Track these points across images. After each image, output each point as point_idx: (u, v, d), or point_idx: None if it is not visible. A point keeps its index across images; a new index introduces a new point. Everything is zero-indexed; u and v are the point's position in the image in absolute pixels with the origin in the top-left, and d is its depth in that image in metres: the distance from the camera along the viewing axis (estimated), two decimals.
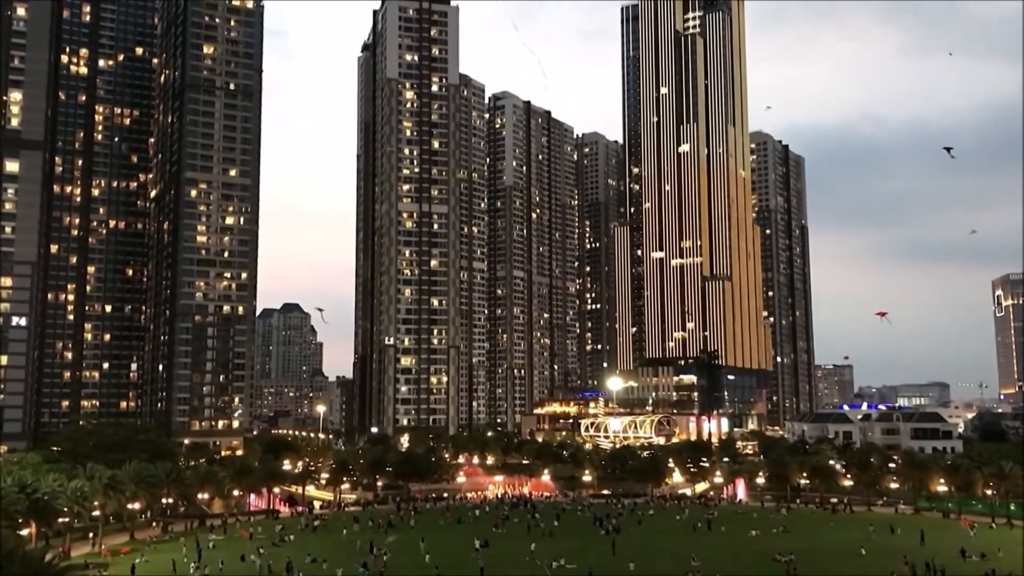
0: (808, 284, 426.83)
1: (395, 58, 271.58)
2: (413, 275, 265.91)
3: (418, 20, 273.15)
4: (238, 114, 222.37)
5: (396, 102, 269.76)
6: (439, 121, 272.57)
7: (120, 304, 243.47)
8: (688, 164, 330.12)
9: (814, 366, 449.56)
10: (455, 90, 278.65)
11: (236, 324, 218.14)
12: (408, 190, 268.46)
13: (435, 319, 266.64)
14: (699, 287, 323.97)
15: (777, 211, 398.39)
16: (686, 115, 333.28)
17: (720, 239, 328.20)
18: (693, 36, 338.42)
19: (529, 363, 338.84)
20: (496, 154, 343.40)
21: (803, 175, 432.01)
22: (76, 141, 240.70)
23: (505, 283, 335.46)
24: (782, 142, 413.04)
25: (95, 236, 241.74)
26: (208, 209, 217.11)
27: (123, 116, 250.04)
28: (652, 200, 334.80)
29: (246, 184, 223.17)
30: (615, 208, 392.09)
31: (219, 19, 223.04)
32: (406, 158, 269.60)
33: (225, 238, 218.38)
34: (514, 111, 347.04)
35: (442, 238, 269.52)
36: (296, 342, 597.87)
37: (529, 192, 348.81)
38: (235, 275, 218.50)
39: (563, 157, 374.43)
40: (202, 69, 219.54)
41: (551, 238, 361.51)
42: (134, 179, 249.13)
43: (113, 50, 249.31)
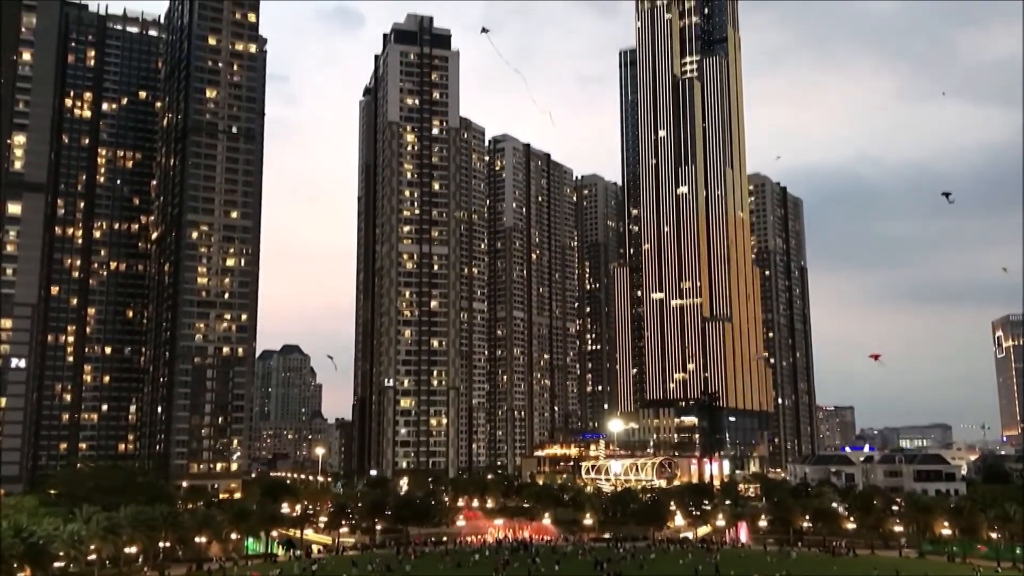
0: (808, 325, 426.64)
1: (396, 102, 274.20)
2: (413, 316, 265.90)
3: (419, 65, 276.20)
4: (240, 157, 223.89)
5: (397, 145, 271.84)
6: (439, 163, 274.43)
7: (120, 346, 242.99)
8: (687, 206, 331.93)
9: (815, 407, 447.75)
10: (455, 133, 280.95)
11: (235, 366, 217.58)
12: (408, 231, 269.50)
13: (435, 360, 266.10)
14: (699, 328, 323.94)
15: (776, 252, 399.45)
16: (684, 157, 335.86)
17: (719, 280, 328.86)
18: (691, 80, 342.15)
19: (529, 404, 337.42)
20: (496, 195, 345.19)
21: (802, 217, 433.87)
22: (78, 183, 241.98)
23: (505, 324, 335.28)
24: (780, 184, 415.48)
25: (96, 278, 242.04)
26: (209, 251, 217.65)
27: (125, 159, 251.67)
28: (651, 241, 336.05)
29: (247, 226, 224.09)
30: (615, 249, 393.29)
31: (222, 64, 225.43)
32: (407, 200, 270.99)
33: (225, 279, 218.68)
34: (514, 153, 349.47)
35: (442, 279, 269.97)
36: (295, 384, 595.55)
37: (529, 233, 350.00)
38: (235, 316, 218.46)
39: (563, 198, 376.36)
40: (205, 112, 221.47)
41: (551, 279, 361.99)
42: (135, 221, 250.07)
43: (117, 94, 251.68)
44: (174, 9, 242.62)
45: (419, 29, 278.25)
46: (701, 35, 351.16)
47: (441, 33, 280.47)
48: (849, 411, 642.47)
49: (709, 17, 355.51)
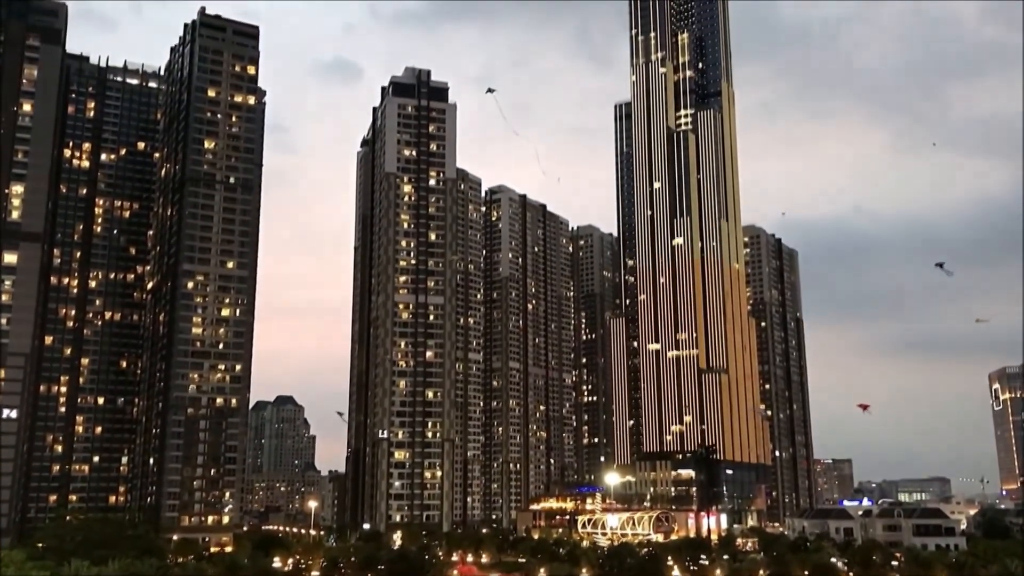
0: (805, 377, 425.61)
1: (394, 153, 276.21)
2: (408, 367, 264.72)
3: (416, 117, 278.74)
4: (237, 207, 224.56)
5: (394, 195, 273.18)
6: (436, 214, 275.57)
7: (113, 396, 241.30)
8: (682, 257, 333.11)
9: (813, 460, 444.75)
10: (452, 184, 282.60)
11: (229, 417, 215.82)
12: (404, 281, 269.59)
13: (430, 412, 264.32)
14: (696, 380, 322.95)
15: (772, 304, 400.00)
16: (679, 209, 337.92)
17: (716, 331, 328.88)
18: (685, 133, 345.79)
19: (525, 457, 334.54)
20: (492, 246, 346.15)
21: (796, 268, 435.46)
22: (75, 233, 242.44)
23: (501, 375, 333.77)
24: (775, 236, 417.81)
25: (90, 328, 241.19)
26: (204, 301, 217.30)
27: (123, 209, 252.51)
28: (647, 292, 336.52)
29: (243, 276, 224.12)
30: (611, 300, 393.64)
31: (221, 115, 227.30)
32: (403, 250, 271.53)
33: (220, 330, 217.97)
34: (510, 204, 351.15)
35: (438, 329, 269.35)
36: (289, 435, 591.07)
37: (525, 283, 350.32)
38: (229, 367, 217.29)
39: (559, 249, 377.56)
40: (203, 163, 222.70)
41: (547, 329, 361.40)
42: (131, 271, 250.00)
43: (115, 144, 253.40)
44: (174, 62, 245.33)
45: (417, 82, 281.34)
46: (695, 89, 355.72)
47: (439, 86, 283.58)
48: (847, 464, 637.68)
49: (703, 71, 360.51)
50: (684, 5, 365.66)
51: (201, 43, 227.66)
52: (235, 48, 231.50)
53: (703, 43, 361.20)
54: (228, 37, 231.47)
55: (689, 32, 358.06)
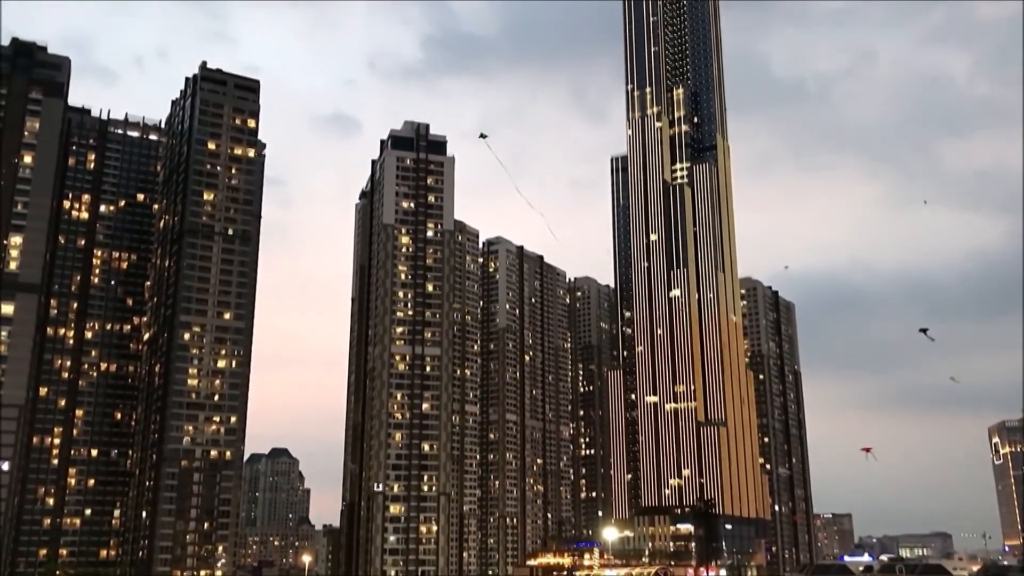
0: (804, 430, 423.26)
1: (392, 205, 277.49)
2: (404, 419, 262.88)
3: (415, 169, 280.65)
4: (235, 258, 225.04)
5: (392, 247, 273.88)
6: (434, 265, 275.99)
7: (106, 448, 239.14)
8: (679, 309, 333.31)
9: (813, 515, 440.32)
10: (450, 235, 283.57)
11: (223, 470, 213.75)
12: (401, 332, 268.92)
13: (425, 465, 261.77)
14: (694, 433, 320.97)
15: (769, 356, 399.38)
16: (676, 261, 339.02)
17: (714, 384, 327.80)
18: (681, 186, 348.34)
19: (522, 511, 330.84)
20: (490, 297, 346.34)
21: (794, 321, 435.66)
22: (73, 284, 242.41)
23: (498, 427, 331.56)
24: (772, 288, 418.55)
25: (85, 379, 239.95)
26: (200, 352, 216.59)
27: (121, 260, 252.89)
28: (645, 344, 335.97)
29: (239, 327, 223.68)
30: (608, 351, 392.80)
31: (220, 167, 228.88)
32: (400, 300, 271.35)
33: (216, 381, 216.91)
34: (507, 255, 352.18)
35: (435, 380, 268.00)
36: (283, 488, 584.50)
37: (522, 334, 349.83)
38: (224, 419, 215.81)
39: (556, 300, 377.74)
40: (201, 215, 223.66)
41: (544, 381, 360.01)
42: (128, 322, 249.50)
43: (115, 196, 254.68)
44: (175, 114, 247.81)
45: (416, 135, 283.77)
46: (691, 143, 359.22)
47: (437, 139, 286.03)
48: (847, 518, 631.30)
49: (698, 126, 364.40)
50: (679, 61, 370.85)
51: (202, 96, 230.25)
52: (236, 101, 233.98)
53: (698, 98, 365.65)
54: (229, 91, 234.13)
55: (684, 87, 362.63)
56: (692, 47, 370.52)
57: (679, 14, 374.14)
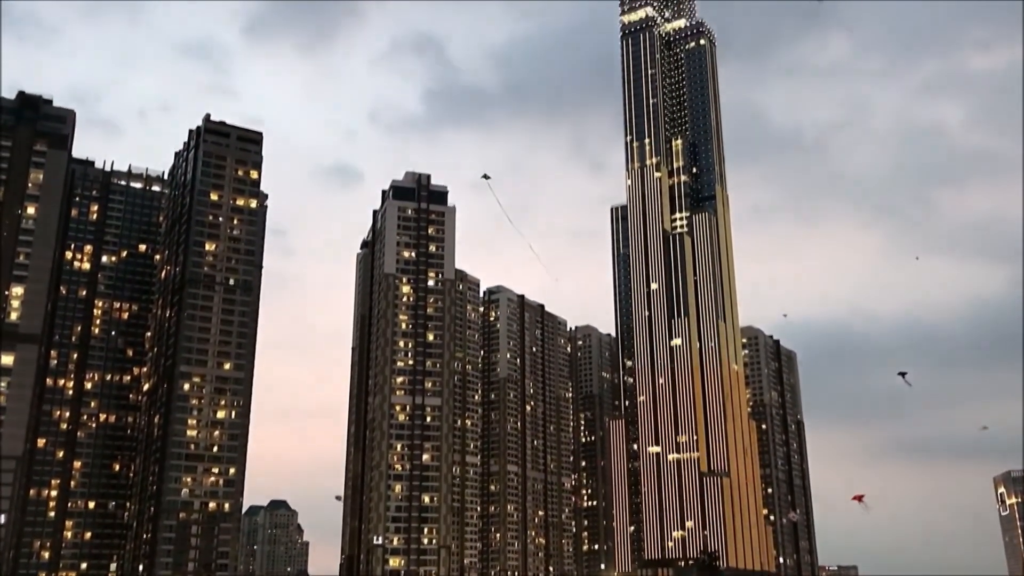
0: (807, 481, 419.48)
1: (393, 254, 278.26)
2: (404, 470, 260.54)
3: (416, 219, 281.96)
4: (236, 308, 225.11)
5: (393, 296, 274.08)
6: (434, 314, 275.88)
7: (104, 500, 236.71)
8: (681, 358, 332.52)
9: (818, 566, 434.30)
10: (451, 285, 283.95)
11: (221, 522, 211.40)
12: (402, 382, 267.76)
13: (426, 517, 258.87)
14: (697, 483, 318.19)
15: (772, 406, 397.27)
16: (677, 310, 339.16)
17: (716, 434, 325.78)
18: (681, 235, 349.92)
19: (523, 564, 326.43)
20: (490, 346, 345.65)
21: (796, 370, 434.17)
22: (73, 335, 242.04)
23: (499, 478, 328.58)
24: (773, 337, 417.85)
25: (84, 430, 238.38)
26: (200, 403, 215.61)
27: (122, 310, 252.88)
28: (647, 393, 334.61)
29: (239, 378, 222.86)
30: (609, 401, 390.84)
31: (222, 218, 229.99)
32: (400, 350, 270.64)
33: (215, 432, 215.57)
34: (508, 304, 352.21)
35: (435, 431, 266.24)
36: (282, 541, 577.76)
37: (523, 384, 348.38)
38: (223, 471, 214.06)
39: (557, 349, 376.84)
40: (203, 265, 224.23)
41: (545, 431, 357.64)
42: (128, 373, 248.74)
43: (117, 247, 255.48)
44: (178, 166, 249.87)
45: (417, 186, 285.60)
46: (690, 193, 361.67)
47: (438, 189, 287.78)
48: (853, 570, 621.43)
49: (697, 176, 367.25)
50: (677, 112, 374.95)
51: (205, 148, 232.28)
52: (238, 153, 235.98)
53: (697, 148, 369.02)
54: (232, 142, 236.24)
55: (683, 138, 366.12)
56: (690, 99, 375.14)
57: (677, 66, 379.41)
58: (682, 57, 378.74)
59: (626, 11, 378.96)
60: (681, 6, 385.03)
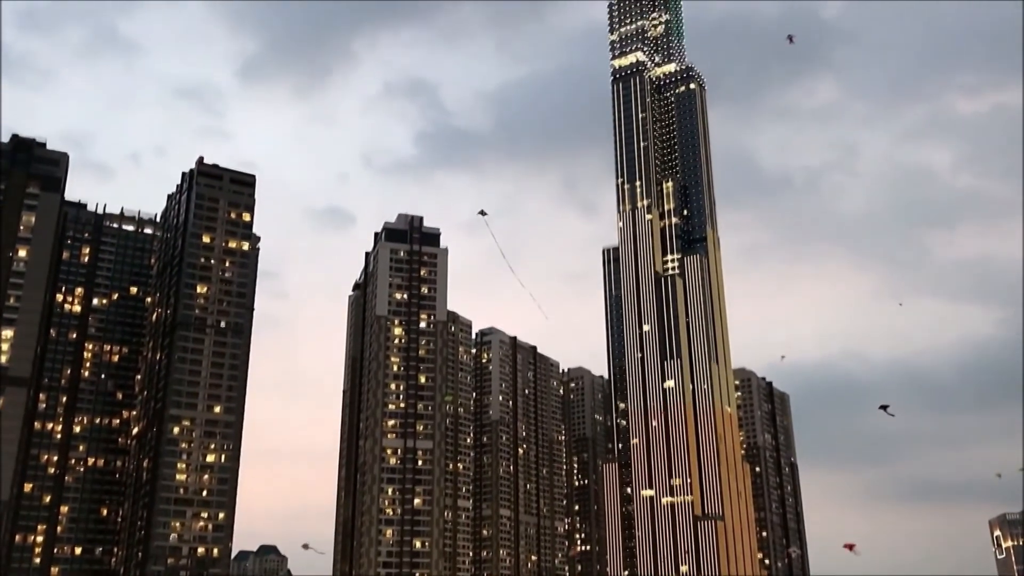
0: (802, 524, 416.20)
1: (385, 296, 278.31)
2: (396, 515, 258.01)
3: (408, 261, 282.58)
4: (227, 351, 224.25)
5: (385, 338, 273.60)
6: (426, 356, 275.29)
7: (91, 546, 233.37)
8: (674, 400, 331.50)
9: None
10: (443, 326, 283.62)
11: (210, 567, 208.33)
12: (393, 425, 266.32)
13: (417, 562, 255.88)
14: (691, 527, 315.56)
15: (765, 448, 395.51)
16: (669, 352, 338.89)
17: (710, 477, 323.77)
18: (672, 277, 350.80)
19: None
20: (483, 388, 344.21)
21: (789, 412, 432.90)
22: (63, 378, 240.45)
23: (491, 523, 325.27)
24: (766, 379, 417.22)
25: (72, 474, 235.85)
26: (189, 447, 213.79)
27: (112, 353, 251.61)
28: (640, 436, 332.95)
29: (229, 421, 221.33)
30: (603, 444, 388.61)
31: (214, 260, 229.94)
32: (392, 393, 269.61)
33: (204, 476, 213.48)
34: (500, 346, 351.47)
35: (426, 475, 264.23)
36: None
37: (516, 427, 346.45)
38: (212, 515, 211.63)
39: (549, 392, 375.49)
40: (194, 308, 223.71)
41: (538, 475, 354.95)
42: (117, 416, 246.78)
43: (108, 289, 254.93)
44: (170, 208, 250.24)
45: (409, 228, 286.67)
46: (681, 235, 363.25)
47: (431, 231, 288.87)
48: None
49: (688, 218, 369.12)
50: (668, 155, 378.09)
51: (198, 190, 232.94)
52: (231, 195, 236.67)
53: (687, 191, 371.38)
54: (225, 185, 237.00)
55: (674, 180, 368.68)
56: (681, 141, 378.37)
57: (667, 110, 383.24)
58: (672, 101, 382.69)
59: (617, 56, 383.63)
60: (671, 51, 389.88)
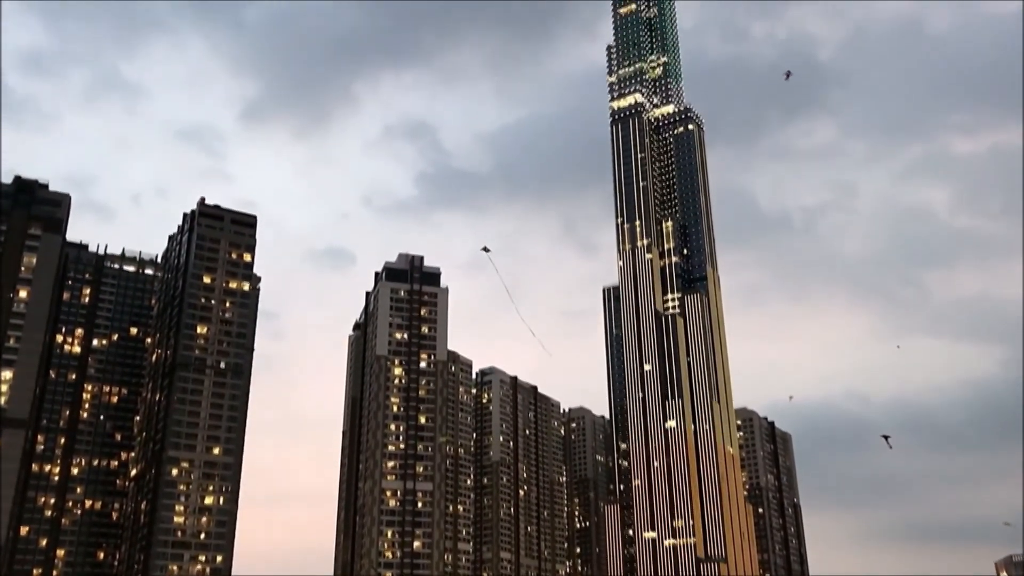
0: (806, 566, 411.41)
1: (385, 336, 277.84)
2: (395, 558, 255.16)
3: (409, 300, 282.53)
4: (226, 392, 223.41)
5: (385, 378, 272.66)
6: (426, 396, 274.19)
7: None
8: (675, 440, 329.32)
9: None
10: (443, 366, 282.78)
11: None
12: (393, 467, 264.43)
13: None
14: (694, 570, 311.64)
15: (768, 489, 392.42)
16: (671, 391, 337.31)
17: (712, 518, 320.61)
18: (673, 316, 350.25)
19: None
20: (483, 429, 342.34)
21: (791, 452, 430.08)
22: (61, 419, 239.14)
23: (492, 566, 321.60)
24: (768, 419, 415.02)
25: (69, 517, 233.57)
26: (188, 488, 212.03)
27: (111, 394, 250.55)
28: (641, 477, 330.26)
29: (228, 463, 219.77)
30: (604, 485, 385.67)
31: (215, 301, 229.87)
32: (392, 433, 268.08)
33: (203, 519, 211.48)
34: (501, 386, 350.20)
35: (426, 517, 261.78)
36: None
37: (516, 468, 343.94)
38: (210, 558, 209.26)
39: (550, 432, 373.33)
40: (194, 348, 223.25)
41: (539, 517, 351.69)
42: (115, 458, 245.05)
43: (108, 330, 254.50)
44: (171, 249, 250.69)
45: (410, 267, 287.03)
46: (681, 273, 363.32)
47: (431, 271, 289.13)
48: None
49: (688, 257, 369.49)
50: (667, 194, 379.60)
51: (199, 231, 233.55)
52: (232, 236, 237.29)
53: (687, 230, 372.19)
54: (226, 226, 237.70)
55: (673, 220, 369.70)
56: (679, 181, 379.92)
57: (666, 150, 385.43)
58: (671, 141, 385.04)
59: (616, 97, 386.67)
60: (669, 92, 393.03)
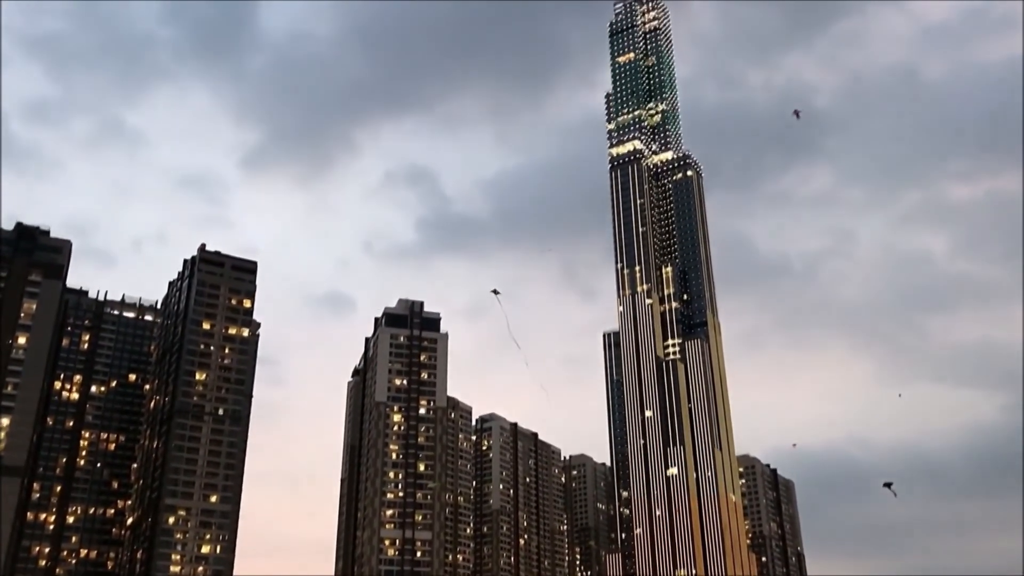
0: None
1: (385, 382, 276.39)
2: None
3: (408, 346, 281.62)
4: (224, 439, 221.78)
5: (384, 425, 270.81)
6: (426, 444, 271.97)
7: None
8: (677, 488, 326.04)
9: None
10: (443, 413, 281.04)
11: None
12: (391, 515, 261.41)
13: None
14: None
15: (771, 537, 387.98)
16: (672, 438, 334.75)
17: (715, 567, 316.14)
18: (674, 362, 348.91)
19: None
20: (483, 476, 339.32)
21: (794, 499, 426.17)
22: (58, 467, 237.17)
23: None
24: (770, 466, 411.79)
25: (63, 566, 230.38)
26: (184, 537, 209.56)
27: (108, 441, 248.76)
28: (643, 525, 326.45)
29: (225, 511, 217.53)
30: (606, 533, 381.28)
31: (214, 347, 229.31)
32: (391, 481, 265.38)
33: (199, 568, 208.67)
34: (501, 433, 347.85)
35: (425, 567, 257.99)
36: None
37: (517, 516, 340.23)
38: None
39: (551, 480, 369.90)
40: (193, 395, 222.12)
41: (540, 566, 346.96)
42: (112, 506, 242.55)
43: (106, 376, 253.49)
44: (171, 295, 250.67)
45: (410, 313, 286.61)
46: (682, 319, 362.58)
47: (431, 317, 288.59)
48: None
49: (688, 303, 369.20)
50: (667, 240, 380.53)
51: (199, 277, 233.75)
52: (232, 282, 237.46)
53: (687, 276, 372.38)
54: (226, 272, 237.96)
55: (673, 266, 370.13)
56: (679, 227, 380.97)
57: (665, 197, 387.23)
58: (670, 188, 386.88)
59: (614, 144, 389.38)
60: (668, 139, 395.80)
